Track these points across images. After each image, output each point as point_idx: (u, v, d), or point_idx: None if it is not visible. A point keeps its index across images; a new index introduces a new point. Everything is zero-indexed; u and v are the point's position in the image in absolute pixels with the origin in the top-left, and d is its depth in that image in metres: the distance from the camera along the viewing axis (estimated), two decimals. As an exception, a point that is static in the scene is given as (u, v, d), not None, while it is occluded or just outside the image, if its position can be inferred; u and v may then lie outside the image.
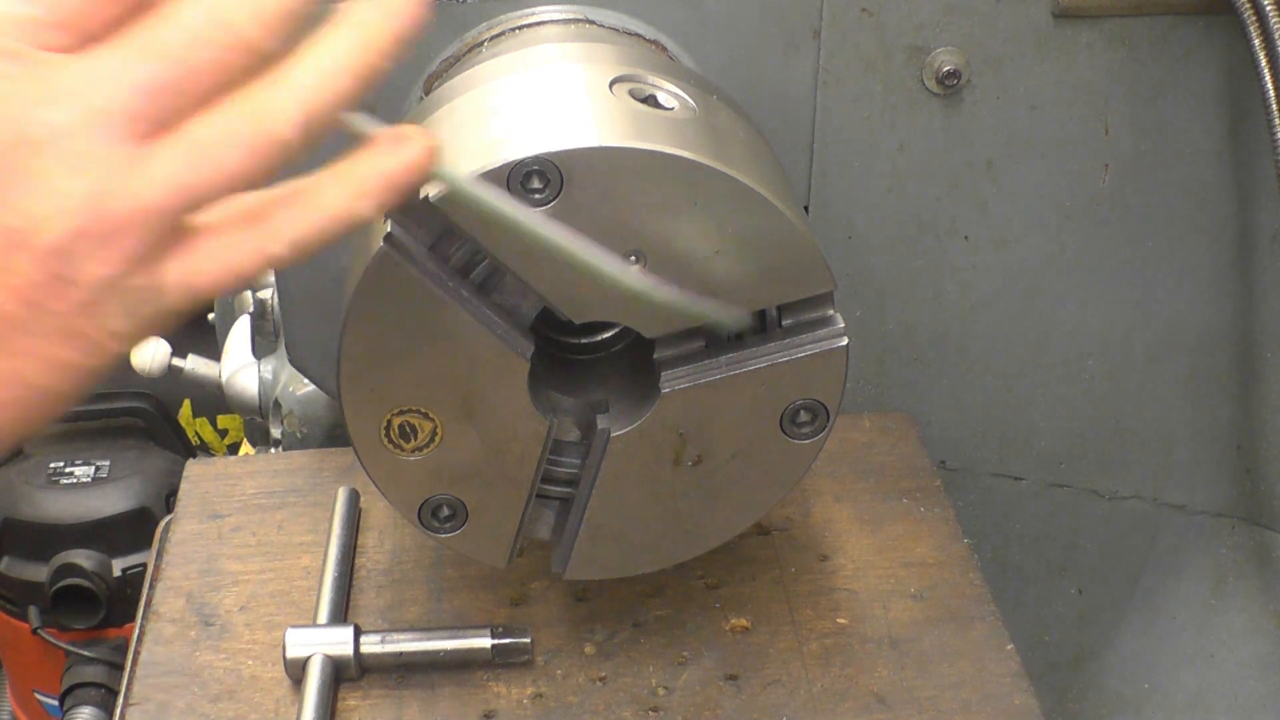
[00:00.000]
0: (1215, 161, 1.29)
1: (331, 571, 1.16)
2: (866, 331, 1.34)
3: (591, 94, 0.96)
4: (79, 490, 2.27)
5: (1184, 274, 1.34)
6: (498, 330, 0.95)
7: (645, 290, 0.85)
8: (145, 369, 1.95)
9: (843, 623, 1.14)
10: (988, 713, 1.07)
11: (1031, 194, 1.29)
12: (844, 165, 1.27)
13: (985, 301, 1.34)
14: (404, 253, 0.92)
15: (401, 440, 0.99)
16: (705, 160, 0.91)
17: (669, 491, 1.03)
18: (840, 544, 1.22)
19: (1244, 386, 1.39)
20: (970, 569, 1.19)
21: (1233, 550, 1.45)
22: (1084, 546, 1.47)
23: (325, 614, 1.13)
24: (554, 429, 1.00)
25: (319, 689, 1.06)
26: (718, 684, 1.09)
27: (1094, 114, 1.27)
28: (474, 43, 1.15)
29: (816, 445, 1.03)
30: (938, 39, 1.22)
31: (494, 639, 1.10)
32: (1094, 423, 1.41)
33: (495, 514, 1.03)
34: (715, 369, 0.99)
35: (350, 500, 1.23)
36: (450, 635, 1.11)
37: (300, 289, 1.25)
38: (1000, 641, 1.12)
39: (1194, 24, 1.24)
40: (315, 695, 1.06)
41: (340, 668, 1.08)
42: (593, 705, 1.07)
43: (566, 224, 0.91)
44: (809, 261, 0.96)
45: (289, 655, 1.08)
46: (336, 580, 1.15)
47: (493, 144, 0.92)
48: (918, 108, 1.25)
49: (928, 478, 1.28)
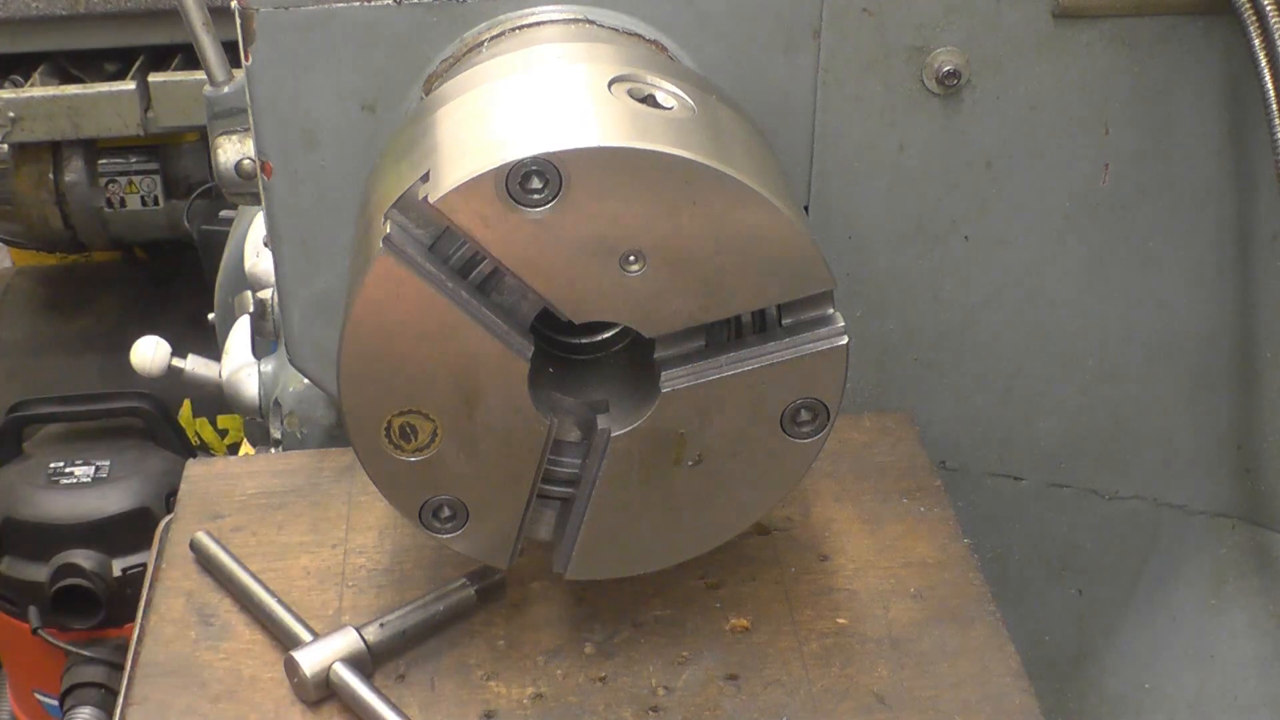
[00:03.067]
0: (1215, 161, 1.29)
1: (268, 597, 1.15)
2: (866, 331, 1.34)
3: (591, 94, 0.96)
4: (79, 490, 2.27)
5: (1184, 274, 1.34)
6: (497, 330, 0.95)
7: None
8: (145, 369, 1.95)
9: (843, 623, 1.14)
10: (988, 713, 1.07)
11: (1031, 194, 1.29)
12: (844, 165, 1.27)
13: (985, 301, 1.34)
14: (404, 254, 0.92)
15: (402, 441, 0.99)
16: (705, 160, 0.91)
17: (669, 491, 1.03)
18: (840, 544, 1.22)
19: (1244, 386, 1.39)
20: (970, 569, 1.19)
21: (1233, 550, 1.45)
22: (1084, 546, 1.47)
23: (304, 632, 1.12)
24: (554, 429, 1.00)
25: (367, 687, 1.06)
26: (718, 684, 1.09)
27: (1094, 114, 1.27)
28: (474, 43, 1.15)
29: (817, 445, 1.03)
30: (938, 39, 1.22)
31: (474, 585, 1.14)
32: (1094, 423, 1.41)
33: (496, 514, 1.03)
34: (715, 368, 0.99)
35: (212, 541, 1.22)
36: (436, 599, 1.13)
37: (300, 289, 1.25)
38: (1000, 641, 1.12)
39: (1194, 24, 1.24)
40: (370, 692, 1.06)
41: (360, 666, 1.08)
42: (593, 705, 1.07)
43: (566, 224, 0.92)
44: (809, 261, 0.96)
45: (308, 674, 1.07)
46: (280, 603, 1.15)
47: (493, 144, 0.92)
48: (918, 108, 1.25)
49: (928, 478, 1.28)
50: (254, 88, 1.17)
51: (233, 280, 1.88)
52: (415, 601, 1.13)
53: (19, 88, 2.80)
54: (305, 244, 1.23)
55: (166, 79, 2.79)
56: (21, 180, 2.92)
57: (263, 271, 1.65)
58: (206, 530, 1.21)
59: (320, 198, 1.21)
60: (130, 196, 2.99)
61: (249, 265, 1.73)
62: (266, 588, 1.15)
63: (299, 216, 1.22)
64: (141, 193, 2.99)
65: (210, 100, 1.36)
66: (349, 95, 1.18)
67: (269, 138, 1.19)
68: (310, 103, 1.18)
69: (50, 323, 3.11)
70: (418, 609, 1.12)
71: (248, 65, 1.17)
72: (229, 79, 1.36)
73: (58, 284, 3.24)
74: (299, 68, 1.17)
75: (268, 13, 1.14)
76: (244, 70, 1.17)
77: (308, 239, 1.23)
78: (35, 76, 2.84)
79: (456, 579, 1.14)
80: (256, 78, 1.17)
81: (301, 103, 1.18)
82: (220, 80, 1.36)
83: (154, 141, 2.96)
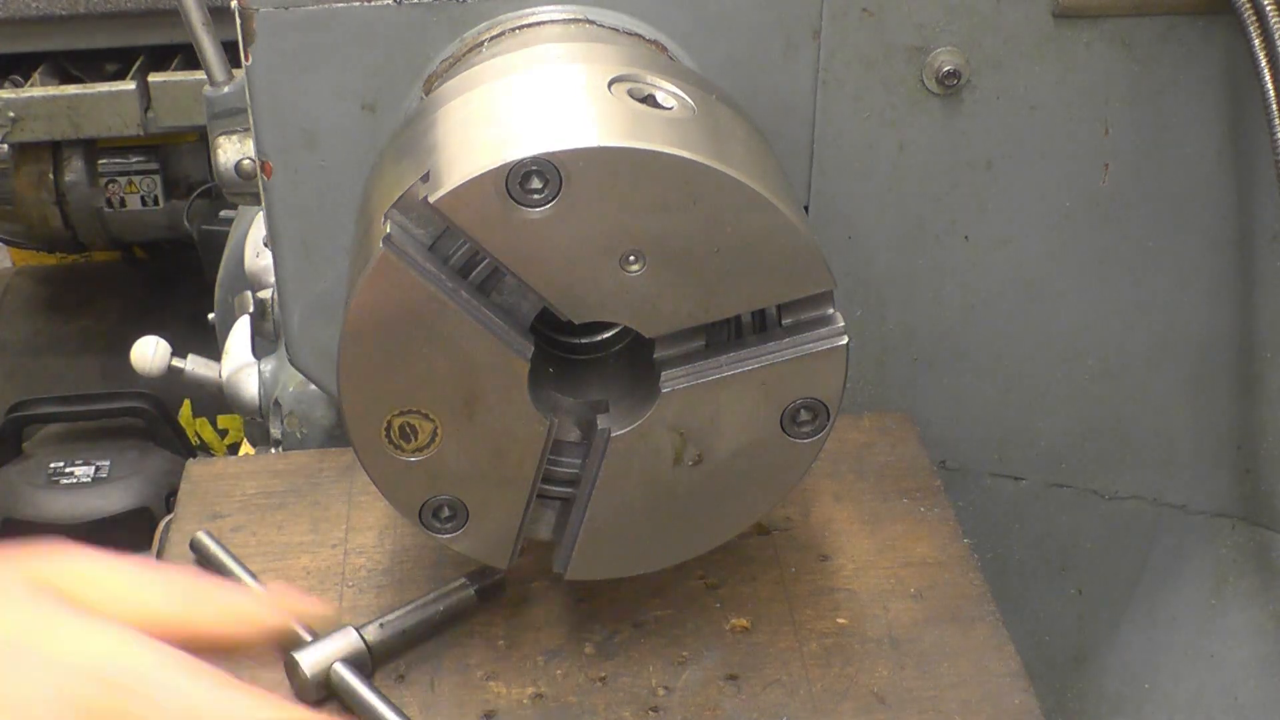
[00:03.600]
0: (1215, 162, 1.29)
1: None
2: (866, 331, 1.34)
3: (590, 94, 0.96)
4: (79, 490, 2.27)
5: (1184, 274, 1.34)
6: (497, 330, 0.95)
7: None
8: (145, 369, 1.95)
9: (843, 623, 1.14)
10: (988, 713, 1.07)
11: (1031, 194, 1.29)
12: (844, 165, 1.27)
13: (985, 301, 1.34)
14: (404, 253, 0.92)
15: (402, 441, 0.99)
16: (704, 160, 0.91)
17: (669, 491, 1.03)
18: (840, 544, 1.22)
19: (1244, 386, 1.39)
20: (970, 569, 1.19)
21: (1233, 550, 1.45)
22: (1084, 546, 1.47)
23: (304, 632, 1.11)
24: (554, 429, 1.00)
25: (367, 687, 1.06)
26: (718, 684, 1.09)
27: (1094, 114, 1.27)
28: (474, 43, 1.15)
29: (817, 445, 1.03)
30: (938, 39, 1.22)
31: (474, 585, 1.13)
32: (1094, 423, 1.41)
33: (496, 514, 1.03)
34: (715, 368, 0.99)
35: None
36: (436, 599, 1.13)
37: (300, 289, 1.25)
38: (1000, 641, 1.12)
39: (1194, 24, 1.24)
40: (370, 692, 1.05)
41: (360, 666, 1.08)
42: (593, 705, 1.07)
43: (566, 224, 0.92)
44: (809, 261, 0.96)
45: (308, 675, 1.07)
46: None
47: (492, 144, 0.92)
48: (918, 108, 1.25)
49: (928, 478, 1.28)
50: (254, 88, 1.17)
51: (233, 280, 1.88)
52: (415, 601, 1.13)
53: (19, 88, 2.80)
54: (305, 244, 1.23)
55: (166, 79, 2.80)
56: (21, 180, 2.92)
57: (263, 271, 1.65)
58: (206, 530, 1.21)
59: (320, 198, 1.21)
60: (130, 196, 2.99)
61: (249, 265, 1.73)
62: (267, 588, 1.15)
63: (299, 216, 1.22)
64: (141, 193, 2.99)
65: (210, 100, 1.36)
66: (349, 95, 1.18)
67: (269, 138, 1.19)
68: (310, 103, 1.18)
69: (50, 323, 3.11)
70: (418, 609, 1.12)
71: (248, 65, 1.17)
72: (229, 79, 1.36)
73: (58, 284, 3.24)
74: (299, 68, 1.17)
75: (268, 13, 1.14)
76: (244, 70, 1.17)
77: (308, 239, 1.23)
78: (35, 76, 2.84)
79: (456, 579, 1.14)
80: (256, 78, 1.17)
81: (301, 103, 1.18)
82: (220, 80, 1.36)
83: (154, 141, 2.96)
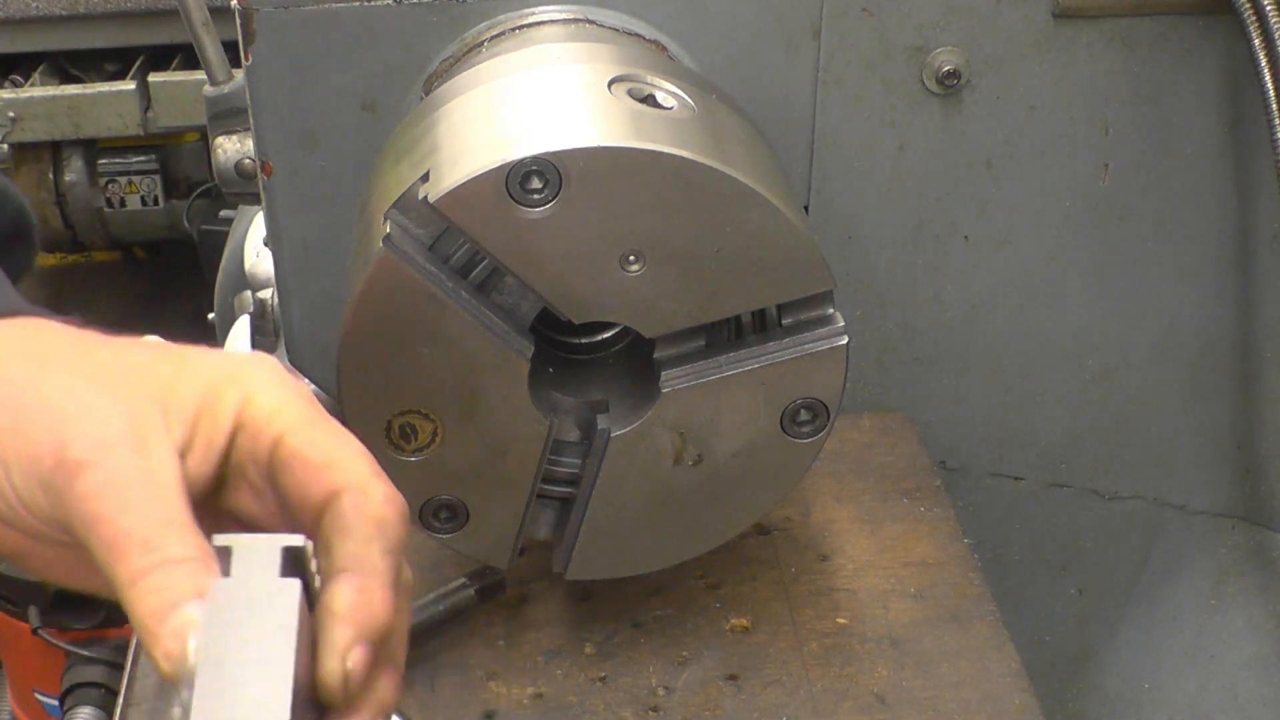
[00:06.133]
0: (1215, 161, 1.29)
1: None
2: (866, 331, 1.34)
3: (591, 94, 0.96)
4: (79, 490, 2.27)
5: (1184, 274, 1.34)
6: (497, 330, 0.95)
7: None
8: (145, 369, 1.94)
9: (843, 623, 1.14)
10: (988, 713, 1.07)
11: (1031, 194, 1.29)
12: (844, 165, 1.26)
13: (985, 301, 1.34)
14: (404, 253, 0.92)
15: (402, 441, 0.99)
16: (704, 160, 0.91)
17: (669, 491, 1.03)
18: (840, 544, 1.22)
19: (1244, 386, 1.39)
20: (970, 569, 1.19)
21: (1233, 550, 1.45)
22: (1084, 546, 1.47)
23: None
24: (554, 429, 1.00)
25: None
26: (718, 684, 1.09)
27: (1094, 114, 1.26)
28: (474, 43, 1.15)
29: (817, 445, 1.03)
30: (938, 39, 1.22)
31: (474, 585, 1.13)
32: (1094, 423, 1.41)
33: (496, 514, 1.03)
34: (715, 368, 0.99)
35: None
36: (436, 599, 1.13)
37: (300, 289, 1.25)
38: (1000, 641, 1.12)
39: (1194, 24, 1.24)
40: None
41: None
42: (593, 705, 1.07)
43: (566, 224, 0.92)
44: (809, 261, 0.96)
45: None
46: None
47: (492, 144, 0.92)
48: (918, 108, 1.25)
49: (928, 478, 1.28)
50: (254, 88, 1.17)
51: (233, 280, 1.88)
52: (415, 601, 1.13)
53: (19, 88, 2.80)
54: (305, 244, 1.23)
55: (166, 79, 2.80)
56: (21, 180, 2.92)
57: (263, 271, 1.65)
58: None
59: (320, 198, 1.21)
60: (130, 196, 2.99)
61: (249, 265, 1.73)
62: None
63: (299, 216, 1.22)
64: (141, 193, 2.99)
65: (210, 100, 1.36)
66: (349, 95, 1.18)
67: (269, 138, 1.19)
68: (310, 103, 1.18)
69: (50, 323, 3.11)
70: (418, 609, 1.12)
71: (248, 65, 1.16)
72: (229, 79, 1.36)
73: (58, 284, 3.24)
74: (299, 68, 1.16)
75: (268, 13, 1.14)
76: (244, 70, 1.17)
77: (308, 239, 1.23)
78: (35, 76, 2.84)
79: (456, 579, 1.14)
80: (256, 78, 1.17)
81: (301, 103, 1.18)
82: (220, 80, 1.36)
83: (154, 141, 2.96)
